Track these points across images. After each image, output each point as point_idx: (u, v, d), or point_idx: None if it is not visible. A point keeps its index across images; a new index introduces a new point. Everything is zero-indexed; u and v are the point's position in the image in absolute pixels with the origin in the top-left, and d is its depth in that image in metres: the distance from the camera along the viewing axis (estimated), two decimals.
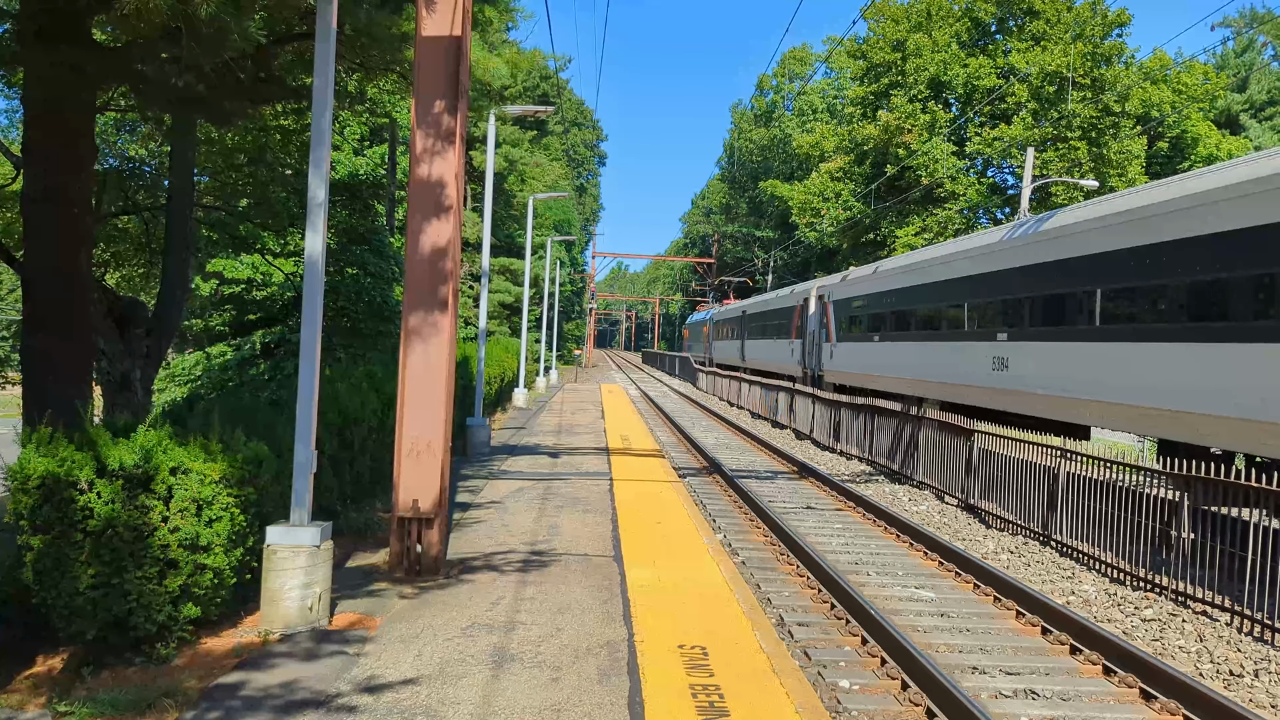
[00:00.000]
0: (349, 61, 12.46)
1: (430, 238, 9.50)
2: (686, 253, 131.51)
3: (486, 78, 17.15)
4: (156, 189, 17.54)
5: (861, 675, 8.07)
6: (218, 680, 6.50)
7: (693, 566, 10.09)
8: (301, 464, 7.89)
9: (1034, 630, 9.42)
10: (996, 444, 14.97)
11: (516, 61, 35.00)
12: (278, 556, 7.58)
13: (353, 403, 12.25)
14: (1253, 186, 12.08)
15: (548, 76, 63.94)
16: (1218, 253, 12.71)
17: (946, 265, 22.67)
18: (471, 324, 42.71)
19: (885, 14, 52.66)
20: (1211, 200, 12.86)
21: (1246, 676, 8.32)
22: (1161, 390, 13.68)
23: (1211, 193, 12.92)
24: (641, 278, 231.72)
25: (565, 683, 6.57)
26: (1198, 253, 13.11)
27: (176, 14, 6.84)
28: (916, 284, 24.69)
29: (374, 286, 25.93)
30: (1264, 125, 60.07)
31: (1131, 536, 11.49)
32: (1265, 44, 68.00)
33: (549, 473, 17.01)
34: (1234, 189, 12.46)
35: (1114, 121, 44.89)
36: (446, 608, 8.33)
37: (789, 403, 30.25)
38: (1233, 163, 13.51)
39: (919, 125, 48.45)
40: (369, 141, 33.74)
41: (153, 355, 14.69)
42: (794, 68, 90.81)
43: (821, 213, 55.09)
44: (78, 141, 10.50)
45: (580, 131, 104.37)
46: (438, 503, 9.40)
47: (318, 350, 8.03)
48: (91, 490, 6.64)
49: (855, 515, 15.49)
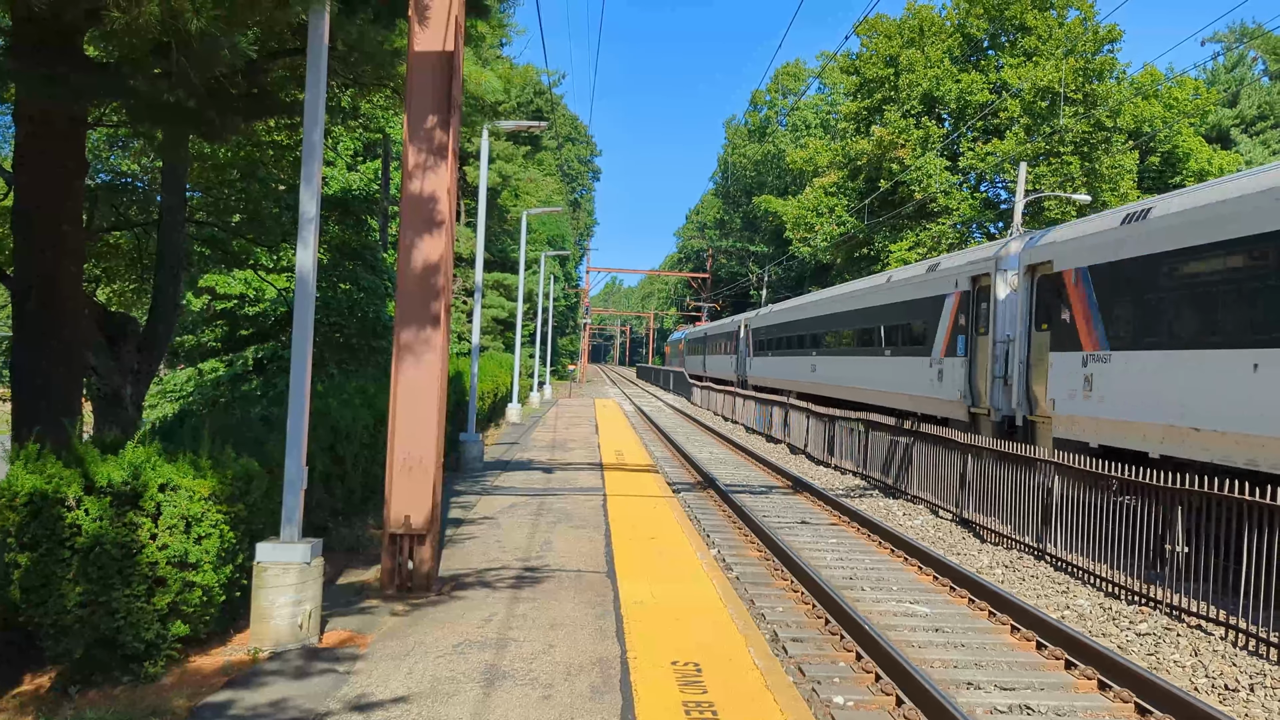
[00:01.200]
0: (341, 77, 12.46)
1: (423, 253, 9.48)
2: (681, 267, 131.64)
3: (480, 93, 17.18)
4: (148, 204, 17.49)
5: (856, 691, 8.02)
6: (206, 699, 6.43)
7: (686, 582, 10.04)
8: (292, 480, 7.84)
9: (1029, 645, 9.38)
10: (992, 458, 14.95)
11: (510, 77, 35.13)
12: (268, 574, 7.52)
13: (344, 418, 12.19)
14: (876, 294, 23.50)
15: (541, 92, 64.08)
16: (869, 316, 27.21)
17: (798, 310, 38.38)
18: (465, 339, 42.69)
19: (878, 30, 52.88)
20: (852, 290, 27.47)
21: (1242, 691, 8.29)
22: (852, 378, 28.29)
23: (857, 294, 27.83)
24: (636, 292, 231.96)
25: (557, 700, 6.52)
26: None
27: (167, 29, 6.82)
28: (784, 321, 40.75)
29: (367, 302, 25.87)
30: (1255, 140, 60.38)
31: (1126, 550, 11.47)
32: (1255, 59, 68.43)
33: (542, 488, 16.95)
34: (879, 289, 26.22)
35: (1106, 136, 45.10)
36: (438, 625, 8.27)
37: (783, 417, 30.23)
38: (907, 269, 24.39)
39: (912, 140, 48.62)
40: (362, 157, 33.75)
41: (144, 371, 14.62)
42: (787, 83, 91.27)
43: (815, 228, 55.21)
44: (69, 157, 10.47)
45: (574, 146, 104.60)
46: (430, 519, 9.35)
47: (308, 365, 7.99)
48: (79, 507, 6.60)
49: (850, 530, 15.45)
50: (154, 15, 6.64)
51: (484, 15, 12.96)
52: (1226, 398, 11.63)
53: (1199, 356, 12.27)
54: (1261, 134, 61.30)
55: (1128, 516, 11.47)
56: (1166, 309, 13.15)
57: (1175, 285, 12.99)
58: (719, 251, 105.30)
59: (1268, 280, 11.16)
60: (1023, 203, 31.65)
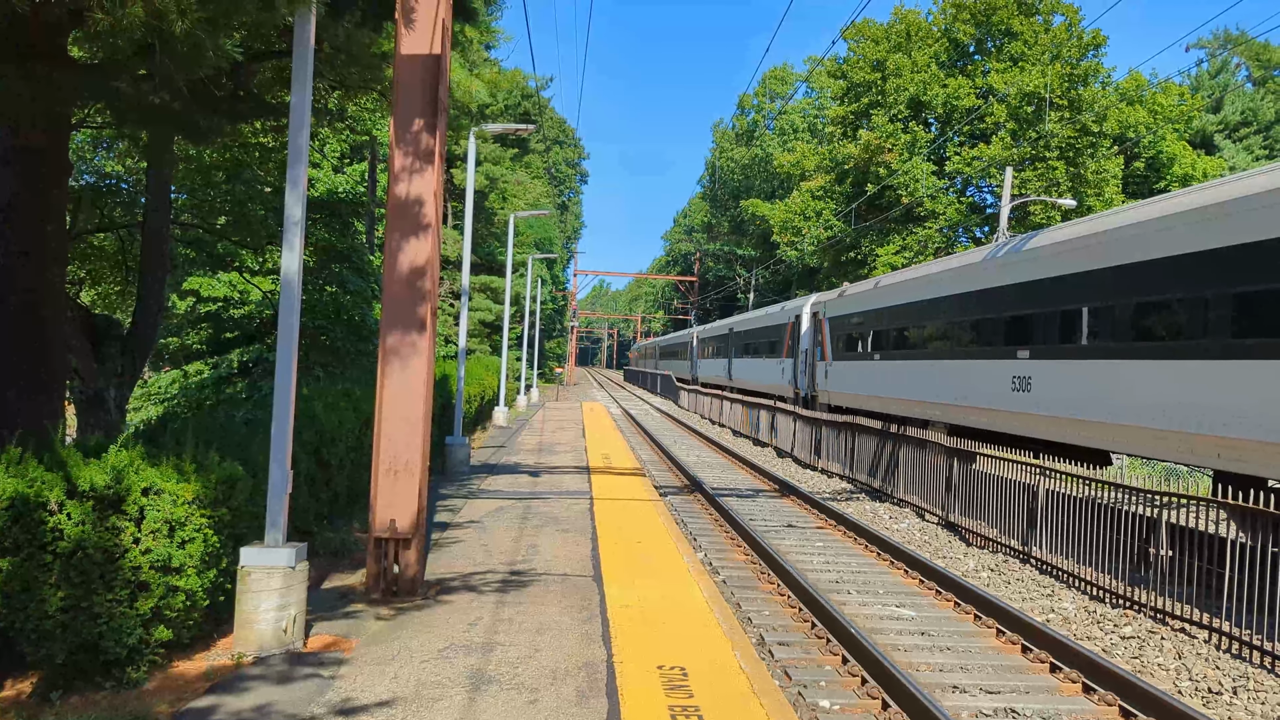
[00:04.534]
0: (328, 79, 12.43)
1: (409, 256, 9.45)
2: (669, 270, 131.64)
3: (466, 97, 17.15)
4: (133, 206, 17.43)
5: (842, 695, 8.03)
6: (189, 704, 6.39)
7: (673, 586, 10.03)
8: (277, 484, 7.80)
9: (1014, 648, 9.41)
10: (978, 461, 15.00)
11: (497, 81, 35.12)
12: (252, 578, 7.48)
13: (330, 421, 12.14)
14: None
15: (529, 95, 64.06)
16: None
17: (721, 325, 54.82)
18: (451, 342, 42.58)
19: (865, 34, 53.01)
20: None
21: (1225, 694, 8.33)
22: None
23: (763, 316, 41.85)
24: (624, 295, 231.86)
25: (543, 705, 6.50)
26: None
27: (151, 30, 6.78)
28: (714, 335, 57.67)
29: (353, 305, 25.81)
30: (1238, 146, 60.74)
31: (1111, 554, 11.52)
32: (1239, 65, 68.90)
33: (529, 492, 16.92)
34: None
35: (1091, 141, 45.30)
36: (424, 629, 8.25)
37: (770, 421, 30.28)
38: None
39: (899, 145, 48.76)
40: (348, 159, 33.68)
41: (128, 374, 14.55)
42: (775, 87, 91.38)
43: (803, 231, 55.30)
44: (52, 158, 10.41)
45: (562, 149, 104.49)
46: (415, 523, 9.32)
47: (294, 368, 7.95)
48: (61, 511, 6.54)
49: (836, 533, 15.47)
50: (138, 16, 6.60)
51: (471, 19, 12.95)
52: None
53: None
54: (1245, 140, 61.68)
55: (1113, 521, 11.52)
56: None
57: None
58: (706, 255, 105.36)
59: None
60: (1008, 207, 31.74)
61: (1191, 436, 12.20)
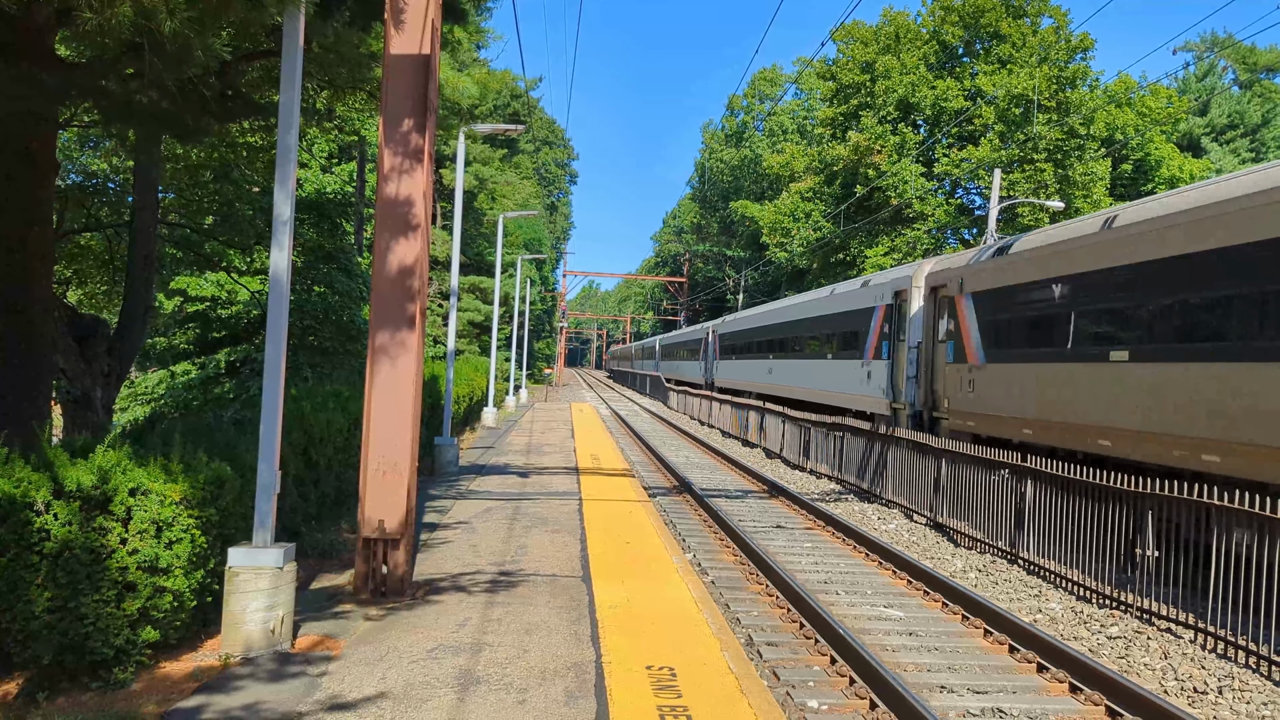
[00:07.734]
0: (317, 79, 12.40)
1: (398, 256, 9.44)
2: (658, 271, 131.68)
3: (456, 96, 17.13)
4: (120, 205, 17.36)
5: (830, 695, 8.04)
6: (176, 705, 6.37)
7: (662, 586, 10.04)
8: (265, 484, 7.78)
9: (1001, 648, 9.44)
10: (965, 462, 15.04)
11: (486, 81, 34.93)
12: (240, 578, 7.46)
13: (318, 422, 12.12)
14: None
15: (518, 95, 63.99)
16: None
17: (685, 333, 65.50)
18: (440, 342, 42.52)
19: (854, 36, 53.12)
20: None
21: (1211, 694, 8.38)
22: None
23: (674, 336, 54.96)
24: (613, 296, 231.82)
25: (532, 705, 6.50)
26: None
27: (139, 29, 6.76)
28: (678, 342, 68.37)
29: (341, 305, 25.75)
30: (1225, 148, 61.09)
31: (1097, 554, 11.57)
32: (1226, 68, 69.27)
33: (518, 492, 16.91)
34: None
35: (1079, 144, 45.48)
36: (412, 629, 8.23)
37: (759, 421, 30.30)
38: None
39: (888, 146, 48.87)
40: (337, 159, 33.61)
41: (114, 374, 14.48)
42: (764, 88, 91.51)
43: (792, 233, 55.38)
44: (39, 157, 10.37)
45: (551, 150, 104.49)
46: (404, 523, 9.31)
47: (282, 369, 7.93)
48: (48, 512, 6.52)
49: (825, 534, 15.50)
50: (126, 16, 6.58)
51: (460, 19, 12.94)
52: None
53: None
54: (1231, 142, 62.03)
55: (1099, 521, 11.57)
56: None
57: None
58: (696, 256, 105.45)
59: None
60: (997, 209, 31.85)
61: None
